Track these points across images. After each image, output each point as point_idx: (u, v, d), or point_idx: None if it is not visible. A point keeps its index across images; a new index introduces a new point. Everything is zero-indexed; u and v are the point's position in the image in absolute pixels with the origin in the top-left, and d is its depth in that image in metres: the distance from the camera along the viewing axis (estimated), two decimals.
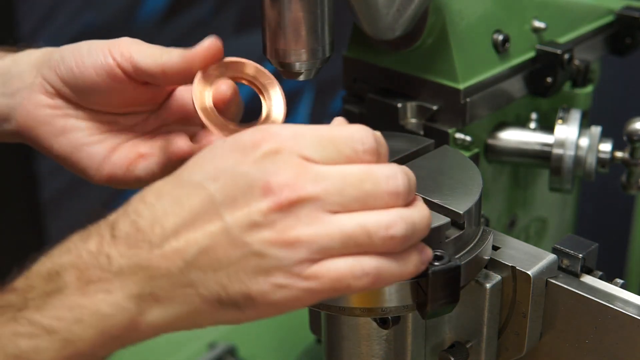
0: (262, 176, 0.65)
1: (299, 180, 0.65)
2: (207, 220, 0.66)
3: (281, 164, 0.66)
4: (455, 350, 0.87)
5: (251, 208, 0.65)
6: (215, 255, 0.66)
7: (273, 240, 0.65)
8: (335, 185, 0.66)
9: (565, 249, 0.85)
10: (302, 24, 0.82)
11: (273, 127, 0.68)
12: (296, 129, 0.68)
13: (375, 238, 0.66)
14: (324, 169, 0.66)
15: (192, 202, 0.66)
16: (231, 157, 0.67)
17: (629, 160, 1.02)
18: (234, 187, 0.66)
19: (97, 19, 2.08)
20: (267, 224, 0.65)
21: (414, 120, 0.99)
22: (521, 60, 1.03)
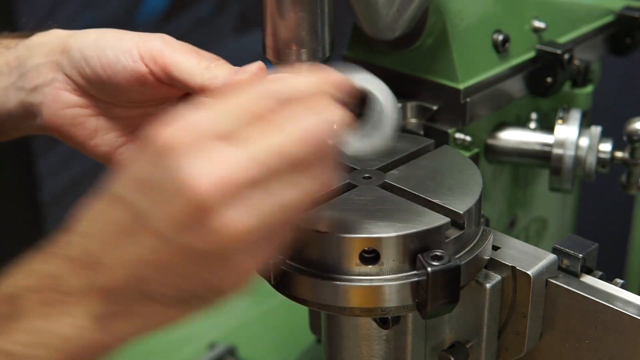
0: (182, 178, 0.61)
1: (215, 166, 0.61)
2: (140, 232, 0.64)
3: (190, 153, 0.61)
4: (455, 350, 0.87)
5: (180, 212, 0.62)
6: (160, 264, 0.64)
7: (213, 234, 0.62)
8: (254, 157, 0.62)
9: (565, 249, 0.85)
10: (302, 24, 0.82)
11: (185, 117, 0.63)
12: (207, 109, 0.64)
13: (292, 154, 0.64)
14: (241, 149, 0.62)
15: (119, 215, 0.64)
16: (139, 158, 0.64)
17: (629, 160, 1.02)
18: (154, 192, 0.63)
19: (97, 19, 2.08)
20: (199, 220, 0.62)
21: (414, 120, 0.99)
22: (521, 60, 1.03)
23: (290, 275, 0.78)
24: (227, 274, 0.65)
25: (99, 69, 0.82)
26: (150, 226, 0.63)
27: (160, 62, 0.80)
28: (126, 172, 0.65)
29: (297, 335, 1.34)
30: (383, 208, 0.79)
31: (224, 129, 0.63)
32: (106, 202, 0.66)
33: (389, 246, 0.75)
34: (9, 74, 0.88)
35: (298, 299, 0.79)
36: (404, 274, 0.76)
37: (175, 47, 0.81)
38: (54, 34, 0.87)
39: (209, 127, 0.63)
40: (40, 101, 0.86)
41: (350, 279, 0.76)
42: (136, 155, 0.65)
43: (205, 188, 0.61)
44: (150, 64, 0.81)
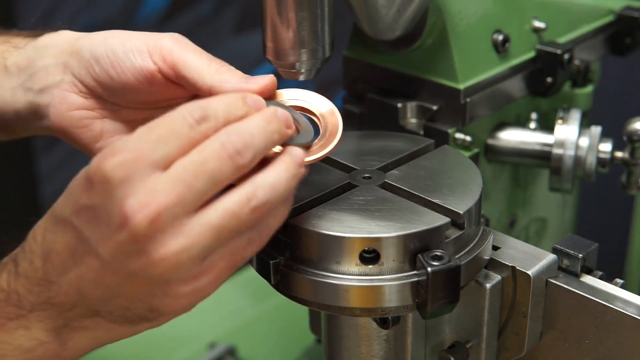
0: (115, 205, 0.64)
1: (149, 197, 0.64)
2: (85, 256, 0.67)
3: (128, 185, 0.64)
4: (455, 350, 0.87)
5: (117, 239, 0.65)
6: (106, 284, 0.67)
7: (152, 264, 0.65)
8: (184, 182, 0.65)
9: (565, 249, 0.85)
10: (302, 24, 0.82)
11: (114, 145, 0.66)
12: (137, 135, 0.66)
13: (243, 215, 0.67)
14: (169, 174, 0.65)
15: (67, 239, 0.67)
16: (85, 188, 0.66)
17: (629, 160, 1.02)
18: (96, 220, 0.66)
19: (97, 19, 2.08)
20: (139, 250, 0.65)
21: (414, 120, 0.99)
22: (521, 60, 1.02)
23: (290, 275, 0.78)
24: (168, 298, 0.68)
25: (109, 67, 0.82)
26: (94, 252, 0.66)
27: (169, 60, 0.81)
28: (74, 197, 0.67)
29: (297, 335, 1.34)
30: (383, 208, 0.79)
31: (159, 157, 0.65)
32: (56, 225, 0.68)
33: (389, 246, 0.75)
34: (18, 74, 0.88)
35: (298, 299, 0.79)
36: (404, 274, 0.76)
37: (185, 46, 0.81)
38: (63, 35, 0.87)
39: (146, 158, 0.65)
40: (48, 102, 0.86)
41: (350, 279, 0.76)
42: (79, 178, 0.67)
43: (140, 219, 0.63)
44: (159, 62, 0.81)
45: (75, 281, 0.68)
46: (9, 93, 0.88)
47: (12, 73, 0.88)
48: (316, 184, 0.83)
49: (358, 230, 0.76)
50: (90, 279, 0.67)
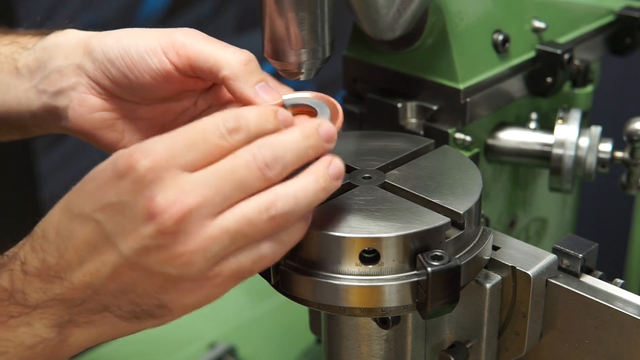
0: (143, 202, 0.66)
1: (178, 197, 0.66)
2: (104, 251, 0.68)
3: (158, 184, 0.66)
4: (455, 350, 0.87)
5: (141, 234, 0.67)
6: (120, 280, 0.69)
7: (169, 259, 0.67)
8: (212, 187, 0.67)
9: (565, 249, 0.85)
10: (302, 24, 0.82)
11: (145, 144, 0.68)
12: (167, 138, 0.68)
13: (259, 224, 0.68)
14: (197, 176, 0.68)
15: (86, 235, 0.69)
16: (111, 184, 0.68)
17: (629, 160, 1.02)
18: (120, 216, 0.67)
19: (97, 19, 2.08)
20: (159, 246, 0.67)
21: (414, 120, 0.99)
22: (521, 60, 1.02)
23: (290, 275, 0.78)
24: (177, 295, 0.70)
25: (125, 69, 0.83)
26: (114, 246, 0.68)
27: (183, 54, 0.81)
28: (96, 191, 0.68)
29: (297, 335, 1.34)
30: (383, 208, 0.79)
31: (188, 161, 0.68)
32: (73, 221, 0.69)
33: (389, 246, 0.75)
34: (30, 76, 0.88)
35: (298, 299, 0.79)
36: (404, 274, 0.76)
37: (197, 38, 0.82)
38: (72, 35, 0.87)
39: (177, 160, 0.67)
40: (66, 105, 0.86)
41: (350, 279, 0.76)
42: (102, 173, 0.68)
43: (169, 216, 0.66)
44: (175, 59, 0.81)
45: (90, 276, 0.69)
46: (23, 95, 0.89)
47: (24, 75, 0.89)
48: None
49: (358, 230, 0.75)
50: (106, 274, 0.68)
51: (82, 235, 0.68)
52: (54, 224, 0.70)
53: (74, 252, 0.69)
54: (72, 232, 0.69)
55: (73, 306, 0.70)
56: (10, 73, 0.90)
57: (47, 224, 0.70)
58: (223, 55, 0.81)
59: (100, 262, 0.68)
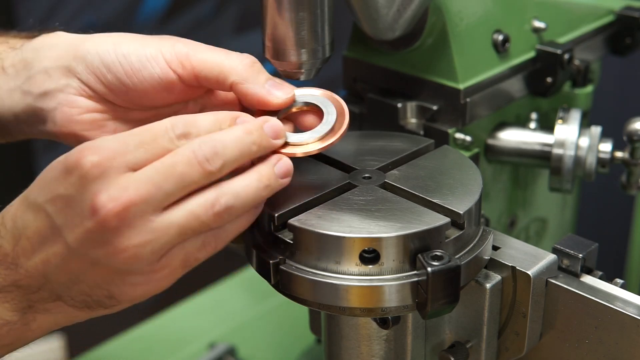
0: (88, 197, 0.69)
1: (120, 193, 0.68)
2: (53, 242, 0.71)
3: (102, 181, 0.69)
4: (455, 350, 0.87)
5: (85, 227, 0.69)
6: (70, 271, 0.71)
7: (114, 253, 0.70)
8: (154, 182, 0.69)
9: (565, 249, 0.85)
10: (302, 24, 0.82)
11: (97, 141, 0.70)
12: (119, 137, 0.71)
13: (205, 219, 0.71)
14: (140, 173, 0.70)
15: (38, 225, 0.71)
16: (62, 178, 0.70)
17: (629, 160, 1.02)
18: (68, 209, 0.70)
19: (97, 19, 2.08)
20: (105, 240, 0.69)
21: (414, 120, 0.99)
22: (521, 60, 1.02)
23: (290, 275, 0.78)
24: (126, 287, 0.72)
25: (123, 76, 0.82)
26: (63, 238, 0.70)
27: (188, 65, 0.81)
28: (48, 184, 0.71)
29: (297, 335, 1.34)
30: (383, 208, 0.79)
31: (134, 160, 0.70)
32: (28, 210, 0.72)
33: (389, 246, 0.75)
34: (15, 76, 0.88)
35: (298, 299, 0.79)
36: (404, 274, 0.76)
37: (199, 48, 0.83)
38: (62, 37, 0.87)
39: (122, 159, 0.69)
40: (54, 107, 0.86)
41: (350, 279, 0.76)
42: (55, 167, 0.71)
43: (109, 211, 0.68)
44: (179, 70, 0.82)
45: (42, 265, 0.71)
46: (7, 95, 0.88)
47: (10, 75, 0.88)
48: (316, 184, 0.83)
49: (358, 230, 0.76)
50: (56, 264, 0.71)
51: (34, 225, 0.71)
52: (12, 213, 0.73)
53: (27, 241, 0.71)
54: (26, 222, 0.72)
55: (30, 293, 0.73)
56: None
57: (7, 212, 0.73)
58: (228, 62, 0.81)
59: (51, 252, 0.71)
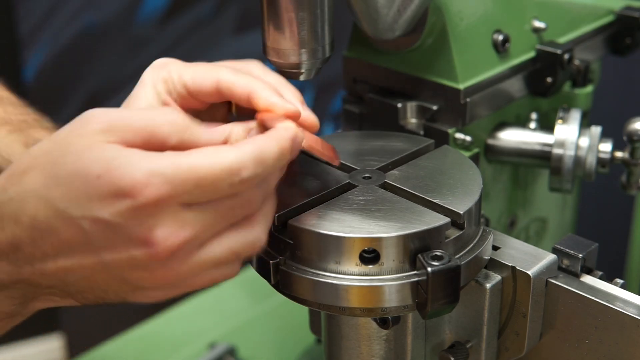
0: (140, 230, 0.66)
1: (175, 231, 0.67)
2: (85, 256, 0.68)
3: (157, 217, 0.67)
4: (455, 350, 0.87)
5: (131, 254, 0.67)
6: (94, 280, 0.70)
7: (150, 279, 0.69)
8: (209, 223, 0.69)
9: (565, 249, 0.85)
10: (302, 24, 0.82)
11: (153, 170, 0.66)
12: (177, 170, 0.67)
13: (243, 254, 0.72)
14: (197, 214, 0.68)
15: (68, 235, 0.68)
16: (107, 201, 0.66)
17: (629, 160, 1.02)
18: (111, 233, 0.67)
19: (97, 19, 2.08)
20: (147, 268, 0.68)
21: (414, 120, 0.99)
22: (521, 60, 1.02)
23: (290, 275, 0.78)
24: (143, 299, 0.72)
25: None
26: (99, 256, 0.68)
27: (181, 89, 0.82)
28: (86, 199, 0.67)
29: (297, 335, 1.34)
30: (383, 208, 0.79)
31: (190, 200, 0.68)
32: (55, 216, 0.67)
33: (389, 246, 0.75)
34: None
35: (298, 299, 0.79)
36: (404, 274, 0.76)
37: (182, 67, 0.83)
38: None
39: (180, 198, 0.67)
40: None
41: (350, 279, 0.76)
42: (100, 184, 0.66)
43: (165, 248, 0.67)
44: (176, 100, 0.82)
45: (63, 272, 0.69)
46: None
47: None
48: (316, 184, 0.83)
49: (358, 230, 0.76)
50: (80, 274, 0.69)
51: (63, 234, 0.67)
52: (30, 211, 0.68)
53: (51, 247, 0.68)
54: (53, 228, 0.67)
55: (39, 288, 0.71)
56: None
57: (20, 207, 0.68)
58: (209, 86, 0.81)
59: (77, 263, 0.68)
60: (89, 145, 0.67)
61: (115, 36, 2.13)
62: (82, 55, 2.11)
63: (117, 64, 2.16)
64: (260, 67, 0.84)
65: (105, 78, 2.15)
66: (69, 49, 2.07)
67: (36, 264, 0.69)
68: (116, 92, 2.16)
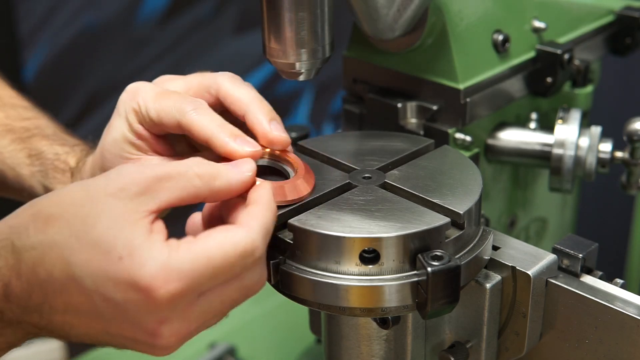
0: (150, 320, 0.68)
1: (184, 327, 0.69)
2: (93, 323, 0.70)
3: (171, 310, 0.68)
4: (455, 350, 0.87)
5: (136, 337, 0.70)
6: (96, 340, 0.72)
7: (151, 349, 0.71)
8: (217, 308, 0.72)
9: (565, 249, 0.85)
10: (302, 24, 0.82)
11: (172, 263, 0.67)
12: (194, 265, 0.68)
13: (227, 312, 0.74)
14: (208, 305, 0.70)
15: (79, 301, 0.68)
16: (122, 287, 0.67)
17: (629, 160, 1.02)
18: (121, 315, 0.68)
19: (97, 19, 2.08)
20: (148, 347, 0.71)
21: (414, 120, 0.99)
22: (521, 60, 1.02)
23: (290, 275, 0.78)
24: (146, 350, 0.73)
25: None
26: (107, 328, 0.70)
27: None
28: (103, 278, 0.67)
29: (297, 335, 1.34)
30: (383, 208, 0.79)
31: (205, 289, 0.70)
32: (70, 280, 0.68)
33: (389, 246, 0.75)
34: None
35: (298, 299, 0.79)
36: (404, 274, 0.76)
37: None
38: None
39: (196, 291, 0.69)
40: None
41: (350, 279, 0.76)
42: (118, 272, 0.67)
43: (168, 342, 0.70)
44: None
45: (69, 326, 0.71)
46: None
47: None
48: (316, 184, 0.83)
49: (358, 230, 0.76)
50: (85, 333, 0.71)
51: (74, 298, 0.68)
52: (49, 267, 0.68)
53: (62, 304, 0.69)
54: (66, 289, 0.68)
55: (44, 331, 0.72)
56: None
57: (40, 260, 0.68)
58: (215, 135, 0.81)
59: (84, 325, 0.70)
60: (120, 217, 0.68)
61: (115, 36, 2.13)
62: (82, 55, 2.11)
63: (117, 64, 2.16)
64: (229, 79, 0.84)
65: (105, 78, 2.15)
66: (69, 49, 2.07)
67: (44, 314, 0.70)
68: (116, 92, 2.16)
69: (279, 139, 0.81)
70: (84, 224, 0.68)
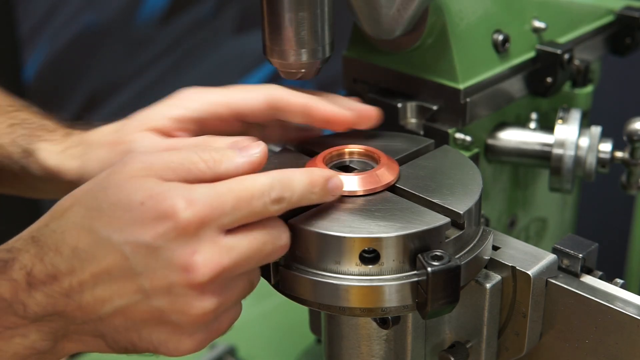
0: (181, 254, 0.68)
1: (217, 258, 0.69)
2: (124, 284, 0.69)
3: (199, 240, 0.68)
4: (455, 350, 0.87)
5: (170, 280, 0.68)
6: (130, 316, 0.70)
7: (190, 314, 0.69)
8: (246, 253, 0.71)
9: (565, 249, 0.85)
10: (302, 24, 0.82)
11: (190, 192, 0.69)
12: (213, 192, 0.69)
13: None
14: (235, 241, 0.70)
15: (108, 263, 0.68)
16: (149, 225, 0.68)
17: (629, 160, 1.02)
18: (153, 259, 0.68)
19: (97, 19, 2.08)
20: (185, 298, 0.69)
21: (414, 120, 0.99)
22: (521, 60, 1.02)
23: (290, 275, 0.78)
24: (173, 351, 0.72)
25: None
26: (138, 284, 0.68)
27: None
28: (129, 225, 0.68)
29: (297, 335, 1.34)
30: (383, 208, 0.79)
31: (228, 222, 0.70)
32: (97, 245, 0.68)
33: (389, 246, 0.75)
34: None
35: (298, 299, 0.79)
36: (404, 274, 0.76)
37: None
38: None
39: (218, 220, 0.69)
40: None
41: (350, 279, 0.76)
42: (141, 208, 0.68)
43: (204, 273, 0.68)
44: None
45: (100, 303, 0.69)
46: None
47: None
48: None
49: (358, 230, 0.75)
50: (117, 305, 0.69)
51: (104, 262, 0.68)
52: (72, 241, 0.69)
53: (91, 276, 0.69)
54: (94, 256, 0.68)
55: (73, 324, 0.70)
56: None
57: (61, 238, 0.69)
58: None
59: (116, 292, 0.69)
60: (129, 179, 0.70)
61: (115, 36, 2.13)
62: (82, 55, 2.11)
63: (117, 64, 2.16)
64: (282, 88, 0.86)
65: (105, 78, 2.15)
66: (69, 49, 2.07)
67: (73, 295, 0.69)
68: (116, 92, 2.16)
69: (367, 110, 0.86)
70: (97, 198, 0.70)
